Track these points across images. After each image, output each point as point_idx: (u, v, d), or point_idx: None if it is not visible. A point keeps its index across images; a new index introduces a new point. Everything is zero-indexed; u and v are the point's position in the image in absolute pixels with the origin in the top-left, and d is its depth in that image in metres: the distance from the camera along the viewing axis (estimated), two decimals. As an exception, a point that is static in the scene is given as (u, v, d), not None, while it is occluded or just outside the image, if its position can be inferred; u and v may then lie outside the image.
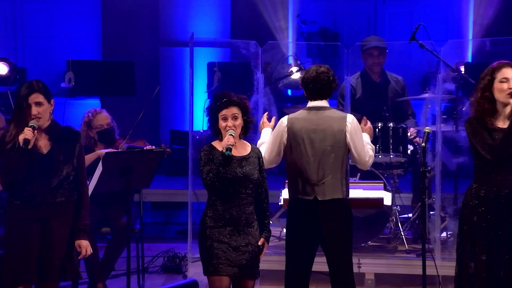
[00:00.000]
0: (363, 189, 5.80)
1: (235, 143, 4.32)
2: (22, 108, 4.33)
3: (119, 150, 5.95)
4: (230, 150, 4.26)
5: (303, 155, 4.60)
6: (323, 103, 4.67)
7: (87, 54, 9.73)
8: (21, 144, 4.24)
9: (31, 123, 4.30)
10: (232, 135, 4.31)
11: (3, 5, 9.55)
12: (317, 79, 4.63)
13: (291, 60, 8.63)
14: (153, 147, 5.98)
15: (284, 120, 4.69)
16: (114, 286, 6.11)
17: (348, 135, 4.60)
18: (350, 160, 4.78)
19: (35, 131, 4.30)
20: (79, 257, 4.47)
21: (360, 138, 4.66)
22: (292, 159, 4.65)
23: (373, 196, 5.54)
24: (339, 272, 4.61)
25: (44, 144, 4.39)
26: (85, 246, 4.45)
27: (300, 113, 4.69)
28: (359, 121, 4.82)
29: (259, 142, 4.87)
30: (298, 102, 9.13)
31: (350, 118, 4.65)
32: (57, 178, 4.36)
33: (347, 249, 4.63)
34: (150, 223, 8.43)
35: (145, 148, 5.95)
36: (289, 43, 9.43)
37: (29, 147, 4.26)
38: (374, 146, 4.87)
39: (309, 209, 4.61)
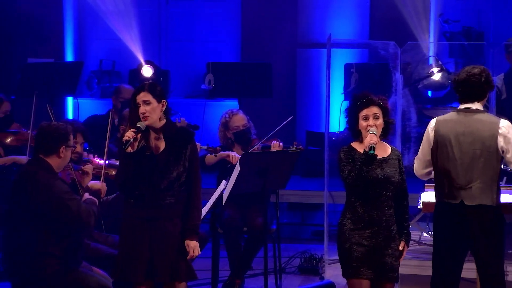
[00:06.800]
0: (510, 194, 5.57)
1: (378, 141, 4.24)
2: (132, 107, 4.37)
3: (253, 150, 6.00)
4: (374, 149, 4.20)
5: (450, 158, 4.46)
6: (475, 105, 4.50)
7: (227, 56, 9.93)
8: (122, 145, 4.24)
9: (138, 124, 4.30)
10: (374, 133, 4.23)
11: (150, 10, 9.94)
12: (468, 81, 4.47)
13: (432, 61, 8.41)
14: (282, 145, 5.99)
15: (433, 121, 4.58)
16: (252, 285, 6.19)
17: (500, 141, 4.41)
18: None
19: (138, 134, 4.27)
20: (188, 257, 4.42)
21: None
22: (439, 161, 4.51)
23: (520, 201, 5.27)
24: (490, 280, 4.43)
25: (159, 145, 4.38)
26: (192, 246, 4.40)
27: (449, 115, 4.56)
28: None
29: None
30: (439, 103, 8.87)
31: (505, 123, 4.45)
32: (166, 179, 4.34)
33: (499, 257, 4.45)
34: (286, 223, 8.47)
35: (271, 144, 5.96)
36: (430, 43, 9.16)
37: (131, 149, 4.24)
38: None
39: (455, 213, 4.46)
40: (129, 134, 4.26)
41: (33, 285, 4.60)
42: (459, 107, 4.57)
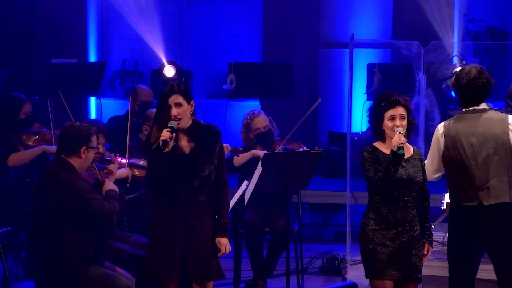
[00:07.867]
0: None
1: (406, 141, 4.22)
2: (162, 109, 4.36)
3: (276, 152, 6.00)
4: (403, 148, 4.18)
5: (464, 160, 4.42)
6: (480, 106, 4.47)
7: (249, 56, 9.93)
8: (160, 145, 4.24)
9: (170, 123, 4.29)
10: (401, 133, 4.22)
11: (172, 10, 9.98)
12: (470, 85, 4.42)
13: (456, 61, 8.34)
14: (307, 149, 5.98)
15: (440, 127, 4.55)
16: (274, 285, 6.18)
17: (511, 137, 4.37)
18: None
19: (173, 134, 4.28)
20: (219, 255, 4.45)
21: None
22: (453, 165, 4.47)
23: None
24: (507, 280, 4.38)
25: (186, 144, 4.39)
26: (224, 244, 4.43)
27: (456, 118, 4.52)
28: None
29: None
30: (462, 104, 8.79)
31: None
32: (198, 178, 4.35)
33: None
34: (308, 224, 8.45)
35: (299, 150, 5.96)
36: (454, 43, 9.09)
37: (168, 149, 4.25)
38: None
39: (473, 215, 4.41)
40: (165, 134, 4.27)
41: (56, 284, 4.63)
42: (464, 110, 4.52)
